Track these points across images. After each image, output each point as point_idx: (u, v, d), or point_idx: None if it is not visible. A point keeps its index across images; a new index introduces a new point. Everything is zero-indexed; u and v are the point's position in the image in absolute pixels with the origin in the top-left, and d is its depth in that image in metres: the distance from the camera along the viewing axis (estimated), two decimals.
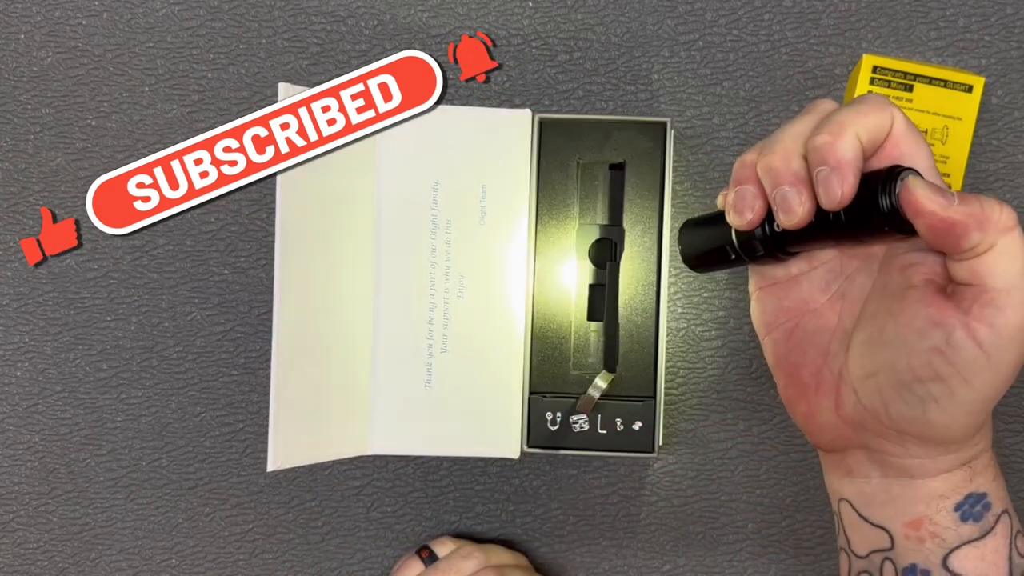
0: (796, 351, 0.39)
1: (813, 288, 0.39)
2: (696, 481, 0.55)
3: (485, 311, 0.50)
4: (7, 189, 0.56)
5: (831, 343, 0.38)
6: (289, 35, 0.55)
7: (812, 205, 0.35)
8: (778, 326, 0.40)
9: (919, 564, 0.36)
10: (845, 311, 0.38)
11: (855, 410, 0.37)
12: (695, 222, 0.42)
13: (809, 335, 0.39)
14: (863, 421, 0.37)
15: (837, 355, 0.38)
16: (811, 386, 0.39)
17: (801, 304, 0.39)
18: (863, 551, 0.39)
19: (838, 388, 0.38)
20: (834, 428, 0.38)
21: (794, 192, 0.35)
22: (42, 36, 0.55)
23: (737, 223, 0.37)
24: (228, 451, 0.56)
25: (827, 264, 0.39)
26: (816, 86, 0.54)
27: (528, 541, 0.56)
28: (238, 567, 0.57)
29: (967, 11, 0.53)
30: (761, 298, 0.40)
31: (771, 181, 0.36)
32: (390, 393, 0.50)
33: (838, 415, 0.38)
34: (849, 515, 0.39)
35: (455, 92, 0.55)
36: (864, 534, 0.38)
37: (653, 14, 0.54)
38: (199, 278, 0.56)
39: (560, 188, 0.50)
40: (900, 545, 0.37)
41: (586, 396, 0.48)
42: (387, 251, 0.50)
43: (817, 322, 0.39)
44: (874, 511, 0.38)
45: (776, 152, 0.36)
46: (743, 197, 0.37)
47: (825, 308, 0.39)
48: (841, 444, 0.39)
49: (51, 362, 0.56)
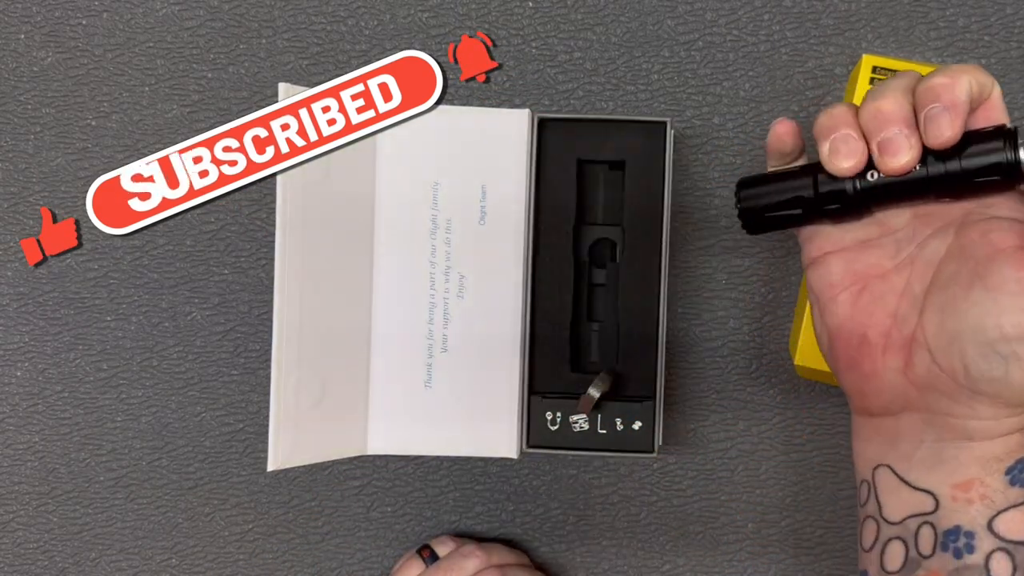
0: (863, 313, 0.39)
1: (883, 253, 0.39)
2: (696, 481, 0.55)
3: (485, 311, 0.50)
4: (7, 189, 0.56)
5: (899, 306, 0.39)
6: (289, 35, 0.55)
7: (919, 151, 0.36)
8: (845, 288, 0.40)
9: (963, 526, 0.36)
10: (915, 275, 0.38)
11: (928, 371, 0.37)
12: (759, 178, 0.41)
13: (876, 298, 0.39)
14: (935, 382, 0.37)
15: (907, 318, 0.38)
16: (879, 347, 0.39)
17: (870, 268, 0.39)
18: (897, 517, 0.38)
19: (909, 349, 0.38)
20: (897, 390, 0.38)
21: (903, 135, 0.36)
22: (42, 36, 0.55)
23: (839, 168, 0.37)
24: (228, 451, 0.56)
25: (898, 231, 0.39)
26: (816, 86, 0.54)
27: (528, 541, 0.56)
28: (238, 567, 0.57)
29: (967, 11, 0.53)
30: (828, 262, 0.40)
31: (879, 124, 0.36)
32: (390, 393, 0.50)
33: (906, 376, 0.38)
34: (888, 480, 0.39)
35: (455, 92, 0.55)
36: (903, 499, 0.38)
37: (653, 14, 0.54)
38: (199, 278, 0.56)
39: (560, 188, 0.50)
40: (946, 507, 0.37)
41: (586, 396, 0.48)
42: (387, 251, 0.50)
43: (885, 285, 0.39)
44: (920, 474, 0.38)
45: (886, 96, 0.36)
46: (846, 141, 0.37)
47: (893, 273, 0.39)
48: (898, 407, 0.39)
49: (51, 362, 0.56)
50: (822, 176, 0.38)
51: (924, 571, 0.37)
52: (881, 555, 0.39)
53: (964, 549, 0.36)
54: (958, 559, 0.36)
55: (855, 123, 0.37)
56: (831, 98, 0.53)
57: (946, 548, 0.36)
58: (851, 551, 0.55)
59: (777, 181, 0.40)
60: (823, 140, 0.38)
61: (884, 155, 0.36)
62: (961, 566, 0.36)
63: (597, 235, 0.50)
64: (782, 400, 0.55)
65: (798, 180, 0.39)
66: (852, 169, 0.37)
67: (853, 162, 0.37)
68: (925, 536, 0.37)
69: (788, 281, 0.54)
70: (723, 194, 0.54)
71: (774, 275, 0.54)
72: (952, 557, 0.36)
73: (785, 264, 0.54)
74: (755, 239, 0.54)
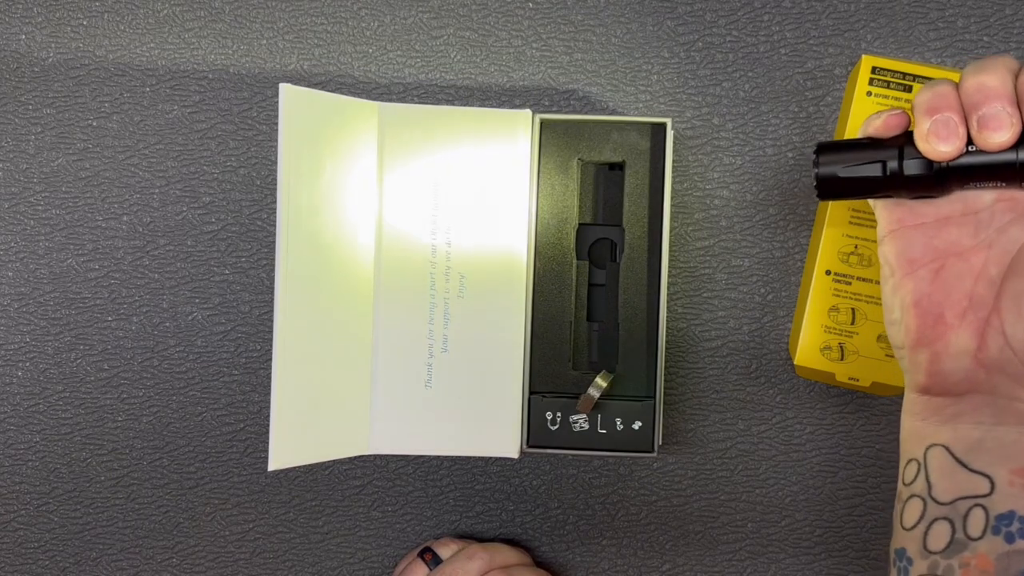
0: (941, 291, 0.39)
1: (963, 233, 0.39)
2: (696, 481, 0.55)
3: (485, 311, 0.50)
4: (8, 189, 0.56)
5: (976, 287, 0.39)
6: (291, 36, 0.55)
7: (1020, 129, 0.36)
8: (925, 264, 0.39)
9: (1018, 511, 0.36)
10: (992, 259, 0.38)
11: (1001, 354, 0.37)
12: (840, 144, 0.41)
13: (954, 277, 0.39)
14: (1006, 365, 0.37)
15: (984, 300, 0.38)
16: (954, 327, 0.39)
17: (950, 246, 0.39)
18: (948, 497, 0.38)
19: (984, 332, 0.38)
20: (967, 370, 0.38)
21: (1006, 112, 0.35)
22: (43, 37, 0.56)
23: (937, 152, 0.37)
24: (229, 451, 0.56)
25: (980, 211, 0.39)
26: (816, 86, 0.54)
27: (528, 540, 0.56)
28: (238, 567, 0.57)
29: (966, 12, 0.53)
30: (907, 235, 0.40)
31: (981, 98, 0.36)
32: (390, 393, 0.50)
33: (976, 358, 0.38)
34: (943, 461, 0.39)
35: (455, 92, 0.55)
36: (956, 480, 0.38)
37: (653, 15, 0.54)
38: (200, 278, 0.56)
39: (560, 188, 0.50)
40: (1002, 491, 0.37)
41: (586, 396, 0.48)
42: (387, 251, 0.50)
43: (962, 266, 0.39)
44: (978, 457, 0.38)
45: (992, 72, 0.36)
46: (947, 124, 0.37)
47: (971, 253, 0.39)
48: (964, 387, 0.39)
49: (52, 362, 0.56)
50: (909, 148, 0.38)
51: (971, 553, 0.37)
52: (925, 534, 0.38)
53: (1017, 534, 0.36)
54: (1009, 543, 0.36)
55: (959, 106, 0.37)
56: (831, 98, 0.54)
57: (997, 532, 0.36)
58: (851, 551, 0.55)
59: (860, 149, 0.40)
60: (924, 118, 0.37)
61: (984, 130, 0.36)
62: (1012, 551, 0.36)
63: (597, 235, 0.50)
64: (782, 400, 0.55)
65: (884, 151, 0.39)
66: (950, 154, 0.37)
67: (953, 147, 0.37)
68: (976, 519, 0.37)
69: (788, 281, 0.54)
70: (723, 194, 0.54)
71: (774, 275, 0.54)
72: (1003, 541, 0.36)
73: (785, 264, 0.54)
74: (755, 239, 0.54)
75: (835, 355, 0.50)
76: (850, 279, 0.50)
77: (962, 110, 0.37)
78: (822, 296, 0.50)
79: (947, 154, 0.37)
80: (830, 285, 0.50)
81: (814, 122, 0.54)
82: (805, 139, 0.54)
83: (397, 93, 0.55)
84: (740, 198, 0.54)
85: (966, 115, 0.37)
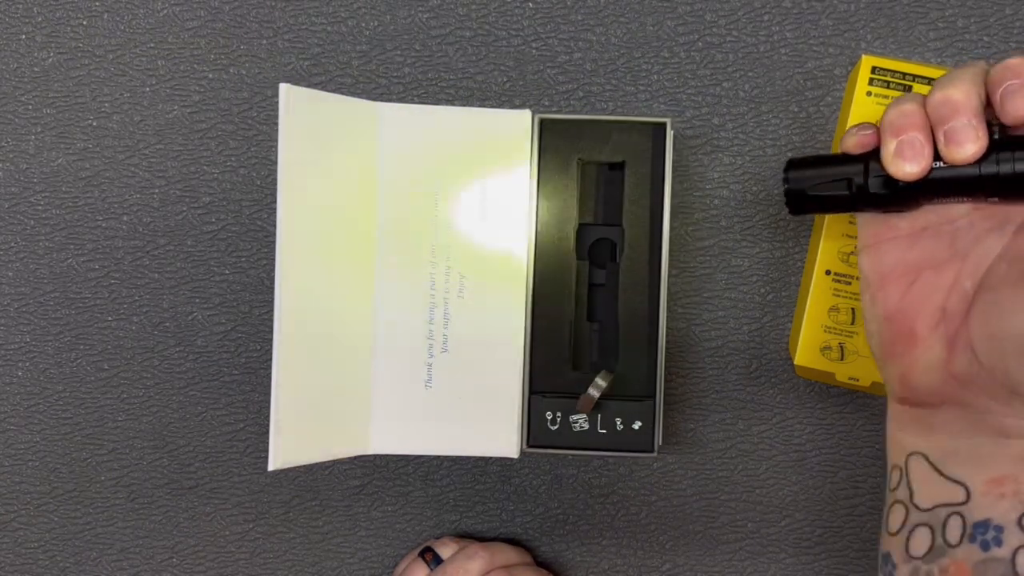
0: (913, 304, 0.39)
1: (939, 244, 0.39)
2: (695, 481, 0.55)
3: (485, 311, 0.50)
4: (8, 189, 0.56)
5: (948, 300, 0.38)
6: (290, 36, 0.55)
7: (986, 142, 0.35)
8: (897, 278, 0.39)
9: (993, 519, 0.36)
10: (965, 271, 0.38)
11: (969, 368, 0.37)
12: (809, 160, 0.41)
13: (927, 290, 0.39)
14: (975, 379, 0.37)
15: (955, 313, 0.38)
16: (925, 340, 0.39)
17: (925, 259, 0.39)
18: (928, 504, 0.38)
19: (953, 345, 0.38)
20: (937, 383, 0.38)
21: (971, 125, 0.35)
22: (43, 37, 0.56)
23: (903, 172, 0.37)
24: (229, 451, 0.56)
25: (957, 221, 0.39)
26: (815, 86, 0.54)
27: (528, 540, 0.56)
28: (238, 567, 0.57)
29: (966, 12, 0.53)
30: (882, 249, 0.40)
31: (947, 113, 0.36)
32: (390, 393, 0.50)
33: (947, 370, 0.38)
34: (921, 468, 0.39)
35: (455, 92, 0.55)
36: (935, 487, 0.38)
37: (652, 15, 0.54)
38: (200, 278, 0.56)
39: (560, 188, 0.50)
40: (977, 500, 0.37)
41: (586, 396, 0.48)
42: (387, 251, 0.50)
43: (936, 279, 0.39)
44: (954, 466, 0.38)
45: (957, 85, 0.36)
46: (912, 145, 0.36)
47: (946, 265, 0.39)
48: (937, 400, 0.39)
49: (52, 362, 0.56)
50: (875, 164, 0.38)
51: (949, 559, 0.37)
52: (907, 540, 0.39)
53: (992, 542, 0.36)
54: (985, 551, 0.36)
55: (924, 124, 0.37)
56: (831, 98, 0.54)
57: (974, 540, 0.36)
58: (851, 551, 0.55)
59: (828, 165, 0.40)
60: (890, 138, 0.37)
61: (950, 145, 0.36)
62: (988, 558, 0.36)
63: (597, 235, 0.50)
64: (782, 400, 0.55)
65: (850, 166, 0.39)
66: (916, 174, 0.37)
67: (919, 167, 0.37)
68: (954, 526, 0.37)
69: (788, 281, 0.54)
70: (723, 194, 0.54)
71: (774, 275, 0.54)
72: (979, 549, 0.36)
73: (785, 264, 0.54)
74: (755, 239, 0.54)
75: (835, 355, 0.50)
76: (850, 279, 0.50)
77: (928, 127, 0.37)
78: (822, 296, 0.50)
79: (913, 174, 0.37)
80: (830, 285, 0.50)
81: (814, 122, 0.54)
82: (805, 139, 0.54)
83: (397, 93, 0.55)
84: (740, 198, 0.54)
85: (933, 129, 0.37)
